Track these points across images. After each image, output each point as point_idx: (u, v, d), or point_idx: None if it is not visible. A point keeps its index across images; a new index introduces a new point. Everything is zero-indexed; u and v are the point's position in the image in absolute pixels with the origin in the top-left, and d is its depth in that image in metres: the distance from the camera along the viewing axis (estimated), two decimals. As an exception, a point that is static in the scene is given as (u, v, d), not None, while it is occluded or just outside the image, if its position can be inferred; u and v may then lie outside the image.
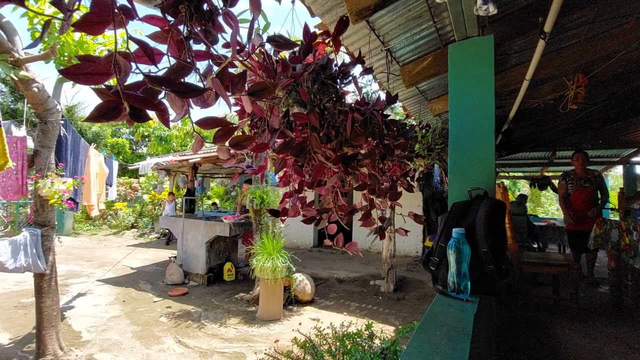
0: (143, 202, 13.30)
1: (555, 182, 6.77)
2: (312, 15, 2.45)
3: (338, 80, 1.28)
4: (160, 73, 0.68)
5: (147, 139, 17.72)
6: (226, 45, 0.98)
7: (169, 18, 0.61)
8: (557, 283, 3.59)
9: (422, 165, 4.52)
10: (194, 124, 0.67)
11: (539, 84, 4.31)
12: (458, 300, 1.40)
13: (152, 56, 0.56)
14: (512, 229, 3.21)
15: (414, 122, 4.55)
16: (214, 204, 12.45)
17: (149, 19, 0.61)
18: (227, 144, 0.77)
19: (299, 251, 8.25)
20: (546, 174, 11.52)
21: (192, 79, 0.83)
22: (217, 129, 0.70)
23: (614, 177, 19.75)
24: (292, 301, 4.80)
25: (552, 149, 9.42)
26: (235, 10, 0.92)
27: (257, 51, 1.03)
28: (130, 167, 10.61)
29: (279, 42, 0.84)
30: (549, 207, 19.14)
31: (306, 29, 1.11)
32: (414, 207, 7.78)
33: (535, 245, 6.33)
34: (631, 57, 3.63)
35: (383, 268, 5.42)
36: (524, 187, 20.54)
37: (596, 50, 3.53)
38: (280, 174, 1.33)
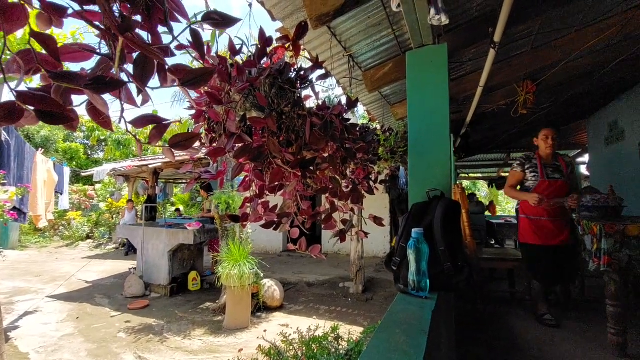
0: (99, 210, 12.51)
1: None
2: (274, 19, 2.45)
3: (298, 85, 1.28)
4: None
5: (103, 144, 16.74)
6: (180, 47, 0.95)
7: (86, 7, 0.56)
8: (513, 277, 3.80)
9: (386, 168, 4.64)
10: (127, 123, 0.63)
11: (492, 90, 4.58)
12: (418, 298, 1.45)
13: (55, 52, 0.51)
14: (471, 227, 3.37)
15: (377, 126, 4.65)
16: (177, 210, 11.98)
17: (76, 15, 0.57)
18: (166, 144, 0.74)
19: (268, 256, 8.14)
20: (502, 174, 12.28)
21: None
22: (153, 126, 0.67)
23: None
24: (261, 308, 4.71)
25: (506, 151, 10.07)
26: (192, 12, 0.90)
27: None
28: (84, 174, 9.94)
29: (216, 19, 0.78)
30: (505, 206, 20.41)
31: (261, 32, 1.11)
32: (381, 209, 7.95)
33: (493, 242, 6.69)
34: (573, 66, 3.97)
35: (352, 270, 5.47)
36: (483, 187, 21.71)
37: (542, 60, 3.82)
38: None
